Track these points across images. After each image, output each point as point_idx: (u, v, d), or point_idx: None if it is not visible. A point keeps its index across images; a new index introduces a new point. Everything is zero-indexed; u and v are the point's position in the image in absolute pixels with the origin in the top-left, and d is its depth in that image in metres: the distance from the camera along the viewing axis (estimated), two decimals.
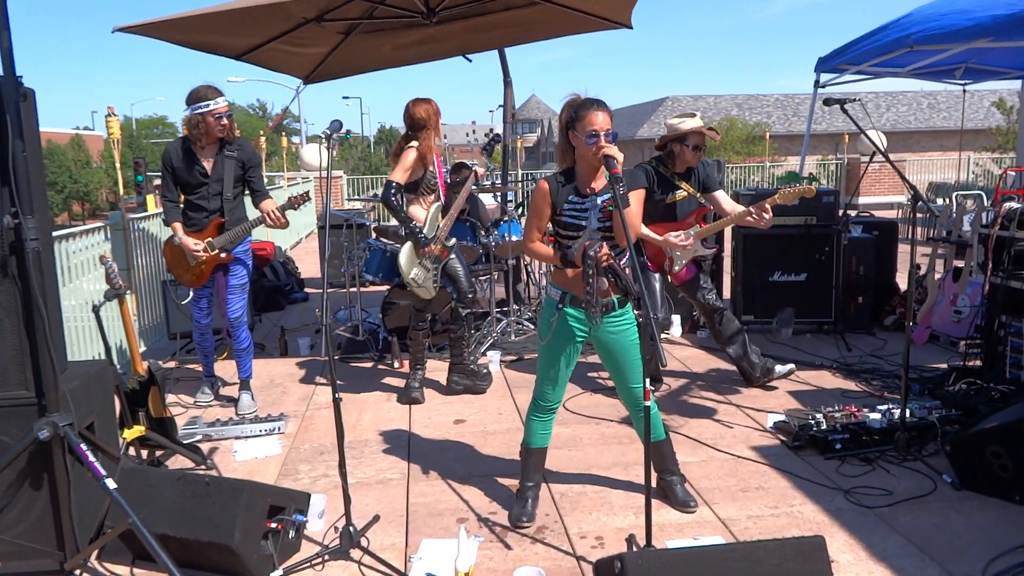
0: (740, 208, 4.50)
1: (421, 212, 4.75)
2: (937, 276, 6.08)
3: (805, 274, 6.18)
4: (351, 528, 2.99)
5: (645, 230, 4.34)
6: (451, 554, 2.95)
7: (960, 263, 5.98)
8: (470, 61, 6.74)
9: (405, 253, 4.66)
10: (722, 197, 4.65)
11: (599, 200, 3.06)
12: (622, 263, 3.05)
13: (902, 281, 6.91)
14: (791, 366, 5.02)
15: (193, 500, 2.86)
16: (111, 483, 2.70)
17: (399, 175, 4.60)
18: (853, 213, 7.17)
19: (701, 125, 4.53)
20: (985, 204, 8.94)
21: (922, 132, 34.55)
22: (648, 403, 2.69)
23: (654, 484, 3.56)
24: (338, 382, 5.36)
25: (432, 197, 4.80)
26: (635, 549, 2.95)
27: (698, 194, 4.63)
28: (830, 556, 2.58)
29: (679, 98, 36.92)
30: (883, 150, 3.86)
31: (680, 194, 4.62)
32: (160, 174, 4.73)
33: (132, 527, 2.64)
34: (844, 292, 6.22)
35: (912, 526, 3.21)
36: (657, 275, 4.69)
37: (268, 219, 4.59)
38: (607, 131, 2.96)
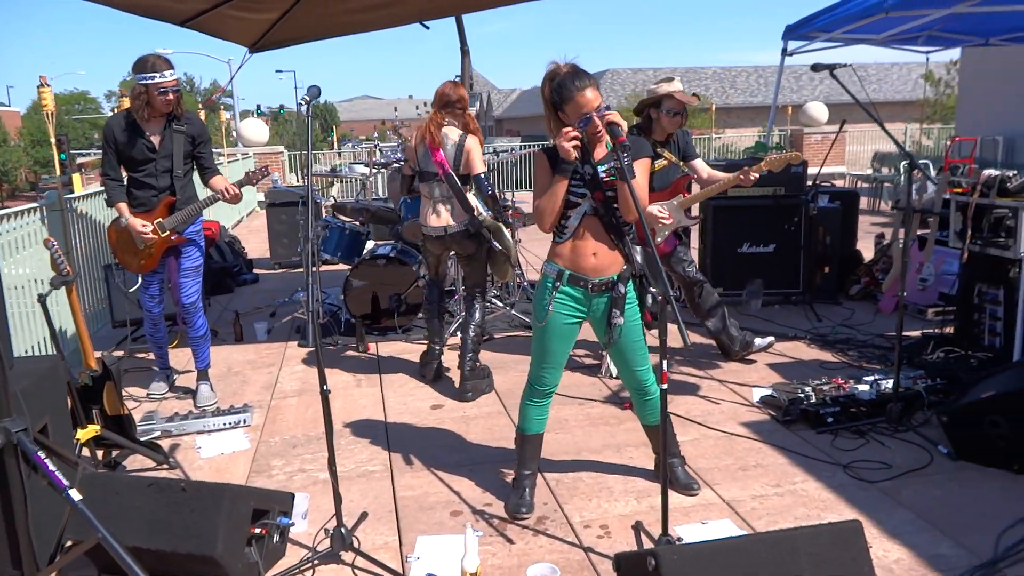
0: (721, 175, 4.37)
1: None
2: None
3: (773, 245, 6.12)
4: (342, 530, 2.76)
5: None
6: (451, 552, 2.76)
7: (925, 232, 6.00)
8: (427, 28, 6.39)
9: (507, 235, 4.55)
10: (701, 165, 4.51)
11: (600, 169, 2.87)
12: (630, 238, 2.88)
13: (864, 250, 6.94)
14: (771, 339, 4.94)
15: (167, 508, 2.59)
16: (76, 494, 2.41)
17: (482, 166, 4.40)
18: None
19: (678, 90, 4.36)
20: (932, 173, 9.07)
21: (853, 104, 35.21)
22: (664, 386, 2.54)
23: (654, 467, 3.44)
24: (301, 368, 5.11)
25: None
26: (642, 538, 2.82)
27: (680, 163, 4.48)
28: None
29: (619, 71, 36.88)
30: (877, 118, 3.75)
31: (660, 163, 4.46)
32: (101, 150, 4.34)
33: (102, 542, 2.36)
34: (810, 262, 6.19)
35: (916, 500, 3.15)
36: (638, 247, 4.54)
37: (225, 195, 4.27)
38: (598, 107, 2.76)
